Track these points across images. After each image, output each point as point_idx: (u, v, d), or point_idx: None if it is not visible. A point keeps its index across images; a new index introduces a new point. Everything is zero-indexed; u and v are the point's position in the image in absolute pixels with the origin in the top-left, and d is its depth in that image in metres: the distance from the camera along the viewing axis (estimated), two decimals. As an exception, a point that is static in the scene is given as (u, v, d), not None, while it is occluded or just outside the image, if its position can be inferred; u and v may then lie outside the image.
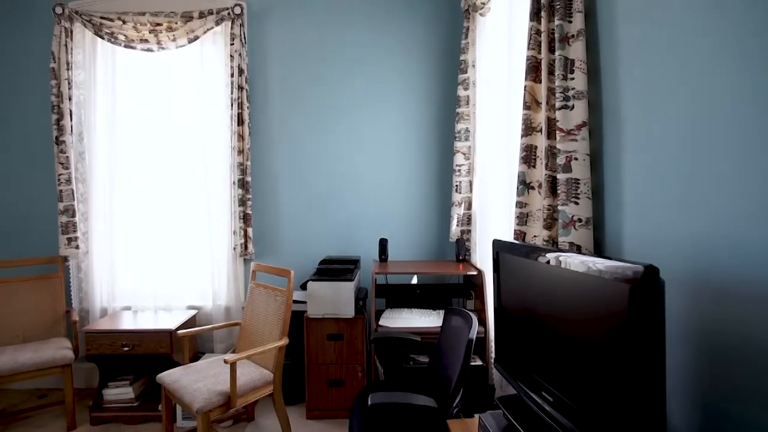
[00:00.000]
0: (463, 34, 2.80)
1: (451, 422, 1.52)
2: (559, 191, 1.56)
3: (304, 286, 2.64)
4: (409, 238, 3.14)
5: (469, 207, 2.85)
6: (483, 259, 2.61)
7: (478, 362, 2.40)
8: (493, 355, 2.36)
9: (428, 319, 2.52)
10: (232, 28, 2.92)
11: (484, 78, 2.62)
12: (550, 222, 1.63)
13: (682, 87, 1.13)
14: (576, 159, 1.50)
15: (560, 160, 1.55)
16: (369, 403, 1.61)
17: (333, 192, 3.13)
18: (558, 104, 1.56)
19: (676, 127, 1.15)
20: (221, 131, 2.98)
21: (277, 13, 3.08)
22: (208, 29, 2.92)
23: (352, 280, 2.51)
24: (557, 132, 1.57)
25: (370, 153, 3.13)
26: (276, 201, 3.12)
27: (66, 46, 2.89)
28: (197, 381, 2.14)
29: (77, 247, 2.92)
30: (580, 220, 1.49)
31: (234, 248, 2.95)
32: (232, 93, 2.90)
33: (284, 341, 2.27)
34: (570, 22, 1.54)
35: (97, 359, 2.67)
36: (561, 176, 1.54)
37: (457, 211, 2.86)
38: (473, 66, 2.77)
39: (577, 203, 1.50)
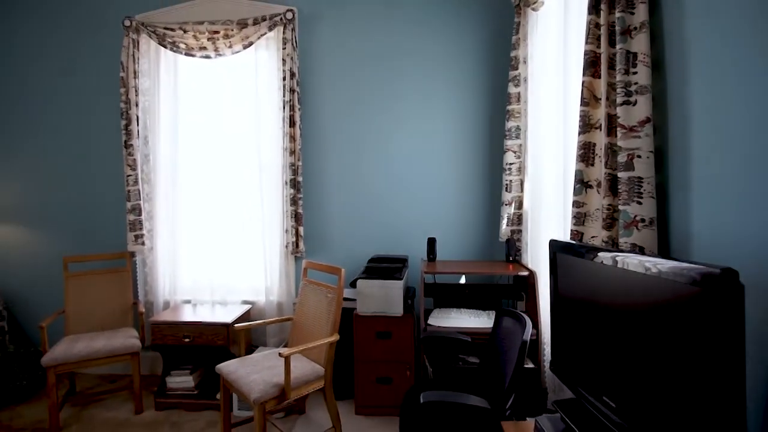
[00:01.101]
0: (514, 30, 2.74)
1: (505, 424, 1.50)
2: (620, 190, 1.50)
3: (353, 284, 2.68)
4: (457, 237, 3.12)
5: (519, 206, 2.79)
6: (535, 259, 2.55)
7: (530, 365, 2.35)
8: (546, 357, 2.30)
9: (478, 320, 2.50)
10: (284, 32, 3.02)
11: (537, 74, 2.56)
12: (610, 222, 1.58)
13: (758, 81, 1.06)
14: (639, 156, 1.44)
15: (621, 157, 1.49)
16: (421, 401, 1.62)
17: (381, 191, 3.16)
18: (619, 100, 1.50)
19: (750, 123, 1.08)
20: (274, 133, 3.08)
21: (327, 16, 3.15)
22: (261, 35, 3.03)
23: (401, 279, 2.53)
24: (618, 129, 1.51)
25: (418, 152, 3.13)
26: (326, 200, 3.20)
27: (133, 56, 3.10)
28: (253, 373, 2.23)
29: (143, 244, 3.13)
30: (643, 221, 1.43)
31: (286, 246, 3.05)
32: (284, 96, 3.00)
33: (335, 337, 2.32)
34: (632, 13, 1.48)
35: (161, 348, 2.85)
36: (622, 175, 1.49)
37: (507, 211, 2.81)
38: (524, 62, 2.71)
39: (640, 203, 1.44)
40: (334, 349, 2.36)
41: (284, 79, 3.00)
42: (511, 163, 2.78)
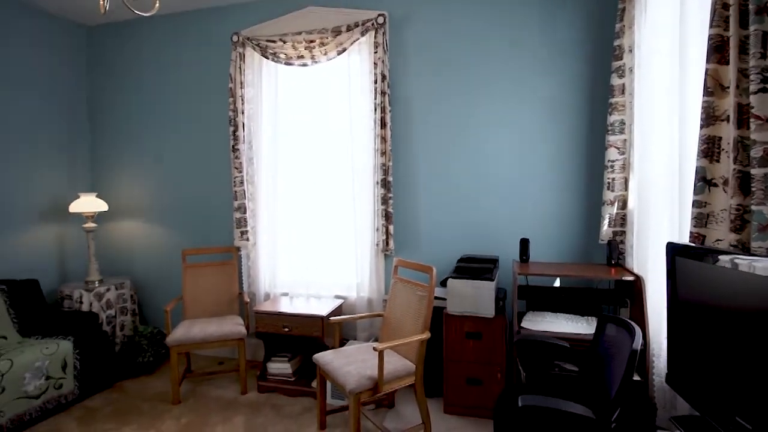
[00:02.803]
0: (617, 17, 2.56)
1: (613, 437, 1.42)
2: (753, 189, 1.34)
3: (443, 283, 2.69)
4: (551, 238, 2.99)
5: (623, 206, 2.60)
6: (641, 263, 2.36)
7: (636, 377, 2.18)
8: (655, 370, 2.12)
9: (576, 325, 2.38)
10: (375, 37, 3.11)
11: (646, 64, 2.36)
12: (739, 224, 1.41)
13: None
14: (778, 151, 1.28)
15: (756, 152, 1.33)
16: (519, 404, 1.59)
17: (471, 190, 3.13)
18: (753, 87, 1.34)
19: None
20: (366, 134, 3.19)
21: (416, 16, 3.18)
22: (354, 41, 3.15)
23: (492, 280, 2.48)
24: (751, 120, 1.35)
25: (510, 149, 3.05)
26: (415, 199, 3.24)
27: (240, 67, 3.39)
28: (348, 364, 2.34)
29: (247, 239, 3.41)
30: (784, 223, 1.27)
31: (376, 244, 3.15)
32: (375, 98, 3.09)
33: (426, 335, 2.35)
34: (771, -11, 1.31)
35: (263, 336, 3.09)
36: (757, 171, 1.33)
37: (609, 211, 2.63)
38: (630, 51, 2.52)
39: (779, 203, 1.27)
40: (425, 347, 2.39)
41: (375, 82, 3.09)
42: (613, 160, 2.60)
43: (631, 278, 2.37)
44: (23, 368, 2.59)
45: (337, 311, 3.11)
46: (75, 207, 3.44)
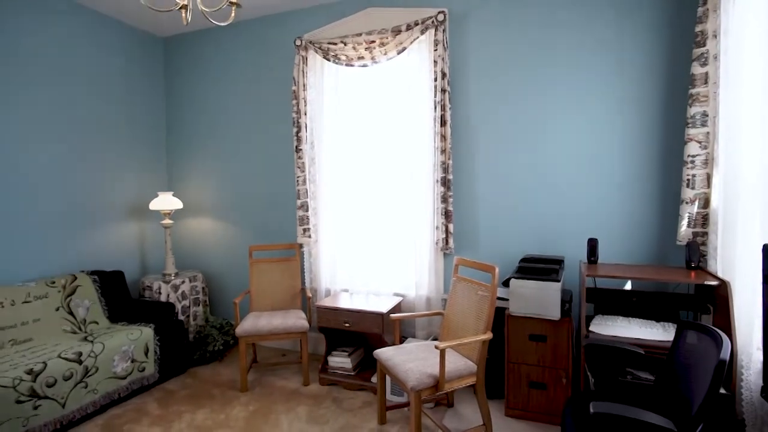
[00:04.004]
0: (700, 1, 2.37)
1: (698, 452, 1.32)
2: None
3: (505, 283, 2.64)
4: (621, 238, 2.83)
5: (705, 205, 2.41)
6: (728, 267, 2.17)
7: (722, 391, 2.02)
8: (745, 383, 1.95)
9: (651, 331, 2.24)
10: (435, 34, 3.09)
11: (734, 50, 2.16)
12: None
13: None
14: None
15: None
16: (591, 411, 1.53)
17: (533, 188, 3.03)
18: None
19: None
20: (425, 133, 3.18)
21: (476, 11, 3.13)
22: (414, 39, 3.15)
23: (558, 281, 2.40)
24: None
25: (575, 145, 2.92)
26: (475, 198, 3.19)
27: (302, 71, 3.51)
28: (409, 361, 2.35)
29: (309, 237, 3.53)
30: None
31: (436, 243, 3.14)
32: (435, 96, 3.08)
33: (488, 335, 2.31)
34: None
35: (324, 330, 3.18)
36: None
37: (689, 210, 2.45)
38: (714, 36, 2.33)
39: None
40: (487, 347, 2.36)
41: (435, 79, 3.08)
42: (694, 155, 2.42)
43: (714, 282, 2.19)
44: (113, 351, 2.85)
45: (397, 308, 3.14)
46: (154, 205, 3.72)
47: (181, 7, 1.83)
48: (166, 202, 3.73)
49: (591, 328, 2.35)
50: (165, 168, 4.32)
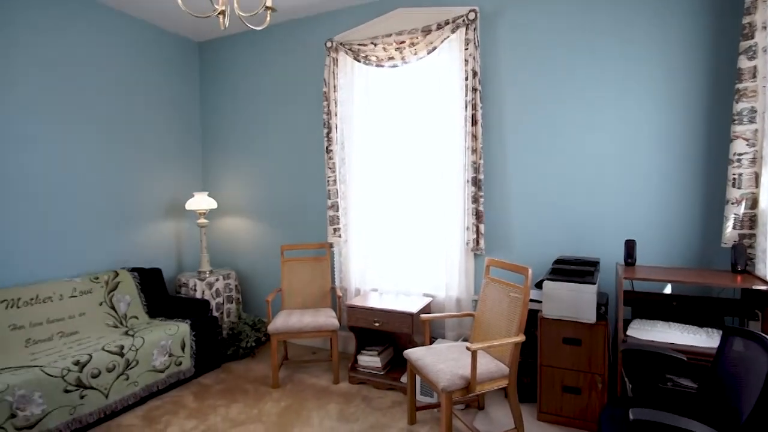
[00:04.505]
0: (748, -8, 2.27)
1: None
2: None
3: (538, 285, 2.59)
4: (660, 240, 2.73)
5: (753, 206, 2.30)
6: (778, 271, 2.07)
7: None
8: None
9: (694, 337, 2.15)
10: (466, 33, 3.07)
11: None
12: None
13: None
14: None
15: None
16: (630, 418, 1.48)
17: (569, 188, 2.96)
18: None
19: None
20: (455, 132, 3.16)
21: (508, 9, 3.08)
22: (444, 38, 3.14)
23: (594, 283, 2.34)
24: None
25: (612, 144, 2.84)
26: (507, 198, 3.15)
27: (333, 72, 3.55)
28: (439, 362, 2.34)
29: (339, 236, 3.56)
30: None
31: (466, 243, 3.11)
32: (466, 95, 3.05)
33: (521, 338, 2.28)
34: None
35: (354, 329, 3.21)
36: None
37: (734, 211, 2.34)
38: (764, 28, 2.21)
39: None
40: (520, 350, 2.32)
41: (466, 78, 3.05)
42: (741, 153, 2.31)
43: (763, 287, 2.08)
44: (152, 345, 2.96)
45: (426, 309, 3.13)
46: (190, 205, 3.84)
47: (219, 13, 1.89)
48: (201, 202, 3.84)
49: (628, 333, 2.28)
50: (200, 169, 4.46)
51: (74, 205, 3.32)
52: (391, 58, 3.34)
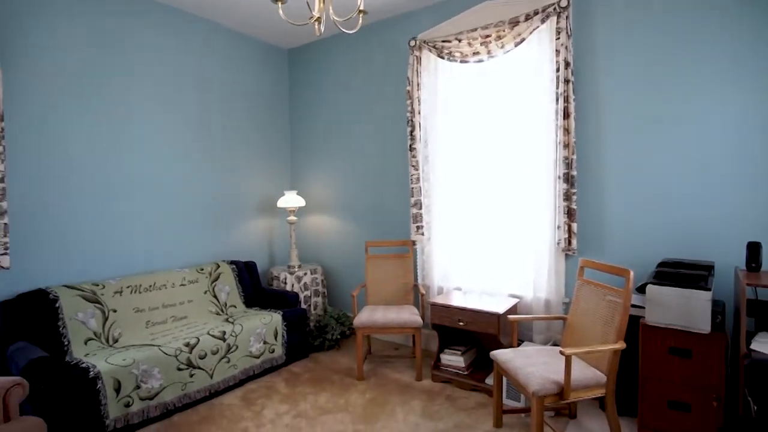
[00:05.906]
0: None
1: None
2: None
3: (640, 289, 2.39)
4: (792, 243, 2.39)
5: None
6: None
7: None
8: None
9: (840, 356, 1.85)
10: (557, 22, 2.91)
11: None
12: None
13: None
14: None
15: None
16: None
17: (673, 184, 2.69)
18: None
19: None
20: (544, 127, 3.02)
21: (606, -5, 2.88)
22: (533, 29, 3.01)
23: (708, 289, 2.10)
24: None
25: (725, 133, 2.52)
26: (602, 195, 2.94)
27: (416, 70, 3.56)
28: (529, 365, 2.26)
29: (422, 234, 3.58)
30: None
31: (557, 243, 2.96)
32: (557, 87, 2.90)
33: (621, 345, 2.12)
34: None
35: (437, 328, 3.20)
36: None
37: None
38: None
39: None
40: (619, 358, 2.16)
41: (557, 70, 2.90)
42: None
43: None
44: (249, 333, 3.19)
45: (513, 310, 3.03)
46: (281, 203, 4.09)
47: (315, 20, 1.99)
48: (291, 200, 4.07)
49: (752, 347, 2.02)
50: (289, 169, 4.72)
51: (181, 203, 3.69)
52: (476, 53, 3.27)
